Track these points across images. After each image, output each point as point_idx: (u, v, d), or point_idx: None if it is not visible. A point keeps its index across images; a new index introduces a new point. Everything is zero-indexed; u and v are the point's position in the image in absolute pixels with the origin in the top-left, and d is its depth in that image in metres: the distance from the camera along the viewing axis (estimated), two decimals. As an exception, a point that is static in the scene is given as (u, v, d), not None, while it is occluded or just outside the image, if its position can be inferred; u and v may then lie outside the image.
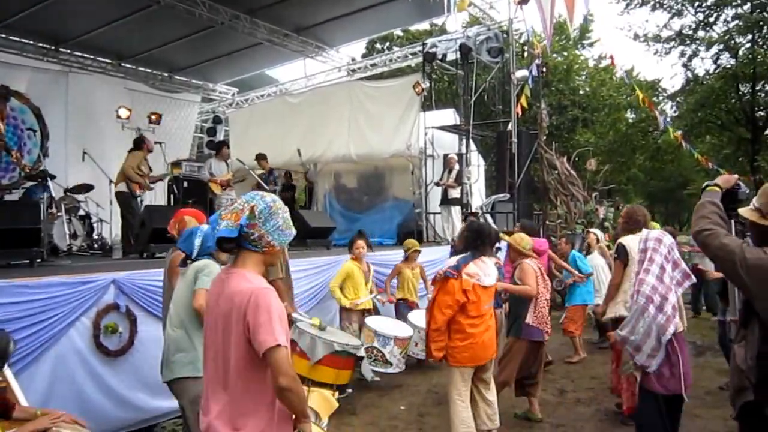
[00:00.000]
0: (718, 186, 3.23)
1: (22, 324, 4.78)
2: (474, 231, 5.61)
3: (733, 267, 2.81)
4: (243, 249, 2.73)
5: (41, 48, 14.04)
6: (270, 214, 2.71)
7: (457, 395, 5.32)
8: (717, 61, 24.85)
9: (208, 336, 2.76)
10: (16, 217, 6.89)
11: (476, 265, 5.30)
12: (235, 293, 2.60)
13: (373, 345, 7.38)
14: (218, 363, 2.67)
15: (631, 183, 33.36)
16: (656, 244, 4.53)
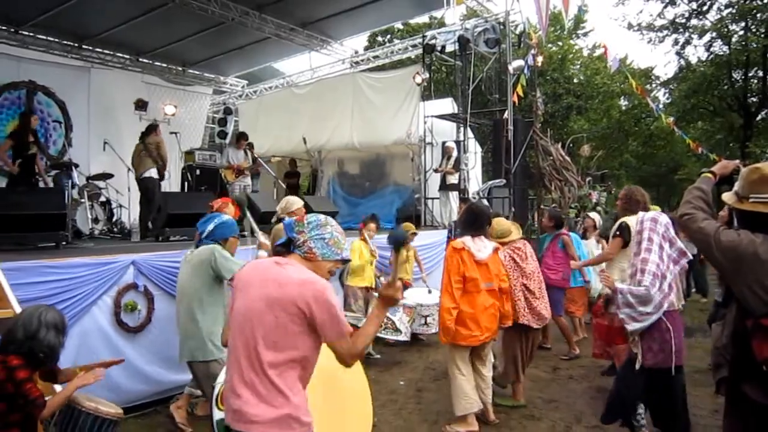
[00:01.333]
0: (712, 173, 3.27)
1: (50, 302, 4.81)
2: (472, 213, 5.85)
3: (709, 249, 2.91)
4: (291, 253, 2.90)
5: (65, 45, 14.46)
6: (317, 225, 2.90)
7: (458, 370, 5.52)
8: (710, 48, 25.00)
9: (244, 316, 2.76)
10: (43, 203, 7.23)
11: (471, 240, 5.52)
12: (300, 282, 2.70)
13: None
14: (260, 342, 2.68)
15: (623, 168, 33.37)
16: (653, 224, 4.64)
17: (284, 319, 2.66)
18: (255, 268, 2.91)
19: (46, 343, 3.44)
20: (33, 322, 3.42)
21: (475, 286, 5.45)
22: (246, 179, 11.61)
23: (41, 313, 3.49)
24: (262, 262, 2.96)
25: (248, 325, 2.73)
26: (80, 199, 10.22)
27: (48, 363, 3.57)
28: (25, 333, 3.40)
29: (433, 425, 5.82)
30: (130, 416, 5.66)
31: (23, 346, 3.38)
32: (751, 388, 2.82)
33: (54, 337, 3.49)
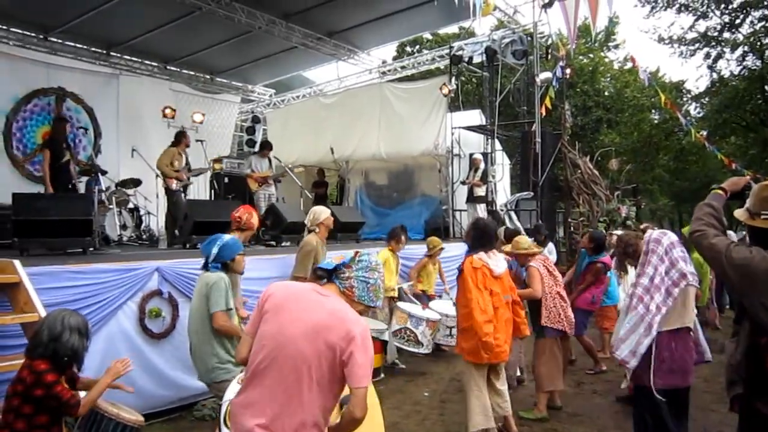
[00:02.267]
0: (722, 189, 3.23)
1: (76, 306, 4.89)
2: (479, 229, 5.83)
3: (720, 266, 2.87)
4: (331, 282, 2.89)
5: (94, 52, 14.63)
6: (367, 268, 2.89)
7: (474, 385, 5.52)
8: (742, 62, 24.63)
9: (280, 342, 2.71)
10: (71, 209, 7.24)
11: (487, 256, 5.53)
12: (346, 318, 2.71)
13: (406, 326, 7.73)
14: (291, 370, 2.66)
15: (656, 183, 33.14)
16: (655, 245, 4.56)
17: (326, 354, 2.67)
18: (289, 291, 2.89)
19: (69, 346, 3.47)
20: (57, 325, 3.47)
21: (499, 300, 5.46)
22: (270, 188, 11.62)
23: (64, 316, 3.53)
24: (298, 286, 2.94)
25: (287, 352, 2.70)
26: (108, 205, 10.26)
27: (71, 366, 3.60)
28: (49, 335, 3.44)
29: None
30: (154, 421, 5.80)
31: (48, 348, 3.42)
32: (765, 405, 2.83)
33: (77, 340, 3.52)
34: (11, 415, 3.34)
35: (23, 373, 3.38)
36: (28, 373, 3.35)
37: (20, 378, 3.38)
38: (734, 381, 3.01)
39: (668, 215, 40.30)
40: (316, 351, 2.65)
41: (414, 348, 7.87)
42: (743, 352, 2.94)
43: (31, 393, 3.32)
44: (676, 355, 4.48)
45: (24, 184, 11.54)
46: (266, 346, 2.73)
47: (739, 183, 3.27)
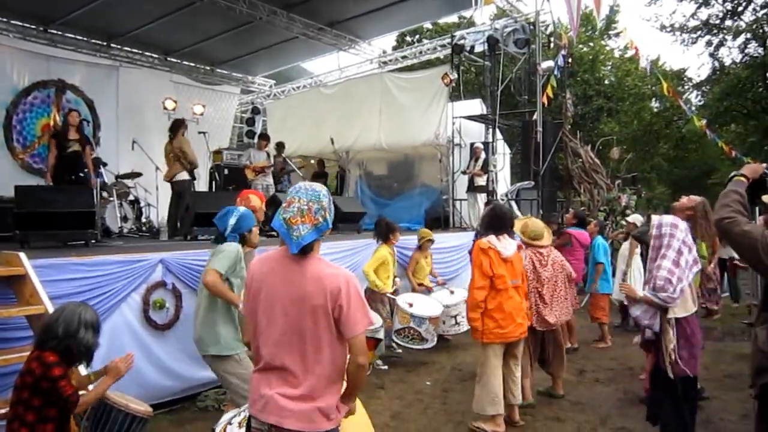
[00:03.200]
0: (744, 176, 3.20)
1: (80, 298, 4.87)
2: (496, 215, 5.81)
3: (755, 253, 2.83)
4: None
5: (94, 44, 14.61)
6: (331, 205, 2.84)
7: (490, 370, 5.54)
8: (744, 50, 24.62)
9: (274, 314, 2.74)
10: (73, 201, 7.30)
11: (496, 239, 5.54)
12: (325, 277, 2.69)
13: (410, 326, 7.80)
14: (292, 338, 2.70)
15: (654, 171, 33.06)
16: (673, 229, 4.56)
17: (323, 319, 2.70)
18: (266, 266, 2.87)
19: (84, 342, 3.50)
20: (74, 321, 3.48)
21: (503, 283, 5.47)
22: (267, 179, 11.74)
23: (81, 312, 3.54)
24: (274, 258, 2.88)
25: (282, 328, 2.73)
26: (109, 197, 10.32)
27: (82, 362, 3.66)
28: (65, 331, 3.45)
29: (458, 425, 5.83)
30: (159, 412, 5.74)
31: (61, 343, 3.43)
32: None
33: (92, 336, 3.55)
34: (21, 407, 3.36)
35: (32, 364, 3.39)
36: (37, 365, 3.36)
37: (29, 369, 3.39)
38: (765, 368, 2.95)
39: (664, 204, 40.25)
40: (309, 319, 2.68)
41: (419, 345, 7.96)
42: None
43: (39, 385, 3.33)
44: (693, 341, 4.57)
45: (23, 176, 11.55)
46: (262, 328, 2.78)
47: (758, 170, 3.27)
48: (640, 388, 6.76)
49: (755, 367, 3.05)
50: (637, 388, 6.78)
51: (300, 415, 2.67)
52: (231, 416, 3.73)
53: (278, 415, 2.69)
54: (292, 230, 2.70)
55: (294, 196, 2.77)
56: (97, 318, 3.67)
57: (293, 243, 2.70)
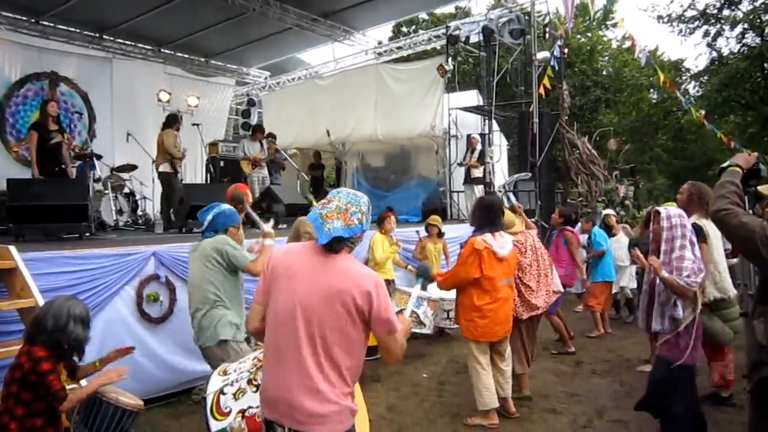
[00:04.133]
0: (739, 166, 3.19)
1: (72, 292, 4.87)
2: (484, 207, 5.76)
3: (754, 245, 2.80)
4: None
5: (87, 36, 14.47)
6: (369, 215, 2.85)
7: (478, 364, 5.55)
8: (742, 40, 24.44)
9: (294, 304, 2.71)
10: (66, 194, 7.30)
11: (492, 238, 5.47)
12: (357, 276, 2.71)
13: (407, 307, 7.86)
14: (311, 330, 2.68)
15: (654, 162, 33.04)
16: (682, 219, 4.56)
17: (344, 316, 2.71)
18: (296, 256, 2.86)
19: (74, 336, 3.49)
20: (63, 315, 3.46)
21: (491, 285, 5.44)
22: (263, 171, 11.74)
23: (70, 306, 3.53)
24: (303, 249, 2.87)
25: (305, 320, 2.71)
26: (104, 190, 10.31)
27: (72, 356, 3.63)
28: (54, 325, 3.43)
29: (453, 417, 5.83)
30: (154, 405, 5.83)
31: (51, 337, 3.42)
32: None
33: (81, 330, 3.54)
34: (11, 401, 3.35)
35: (22, 359, 3.38)
36: (26, 359, 3.35)
37: (19, 364, 3.38)
38: (763, 362, 2.93)
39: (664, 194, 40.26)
40: (335, 314, 2.67)
41: (417, 329, 7.73)
42: None
43: (28, 379, 3.32)
44: (699, 332, 4.55)
45: (17, 169, 11.45)
46: (282, 316, 2.75)
47: (751, 160, 3.26)
48: (636, 380, 6.76)
49: (753, 361, 3.03)
50: (634, 380, 6.76)
51: (325, 418, 2.66)
52: (221, 385, 3.67)
53: (297, 420, 2.67)
54: (325, 223, 2.72)
55: (335, 196, 2.82)
56: (87, 312, 3.65)
57: (324, 234, 2.71)
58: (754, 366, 3.00)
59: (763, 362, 2.92)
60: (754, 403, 3.10)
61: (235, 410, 3.47)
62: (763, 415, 2.99)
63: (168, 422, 5.69)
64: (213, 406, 3.54)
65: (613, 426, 5.61)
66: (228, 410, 3.51)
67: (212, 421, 3.48)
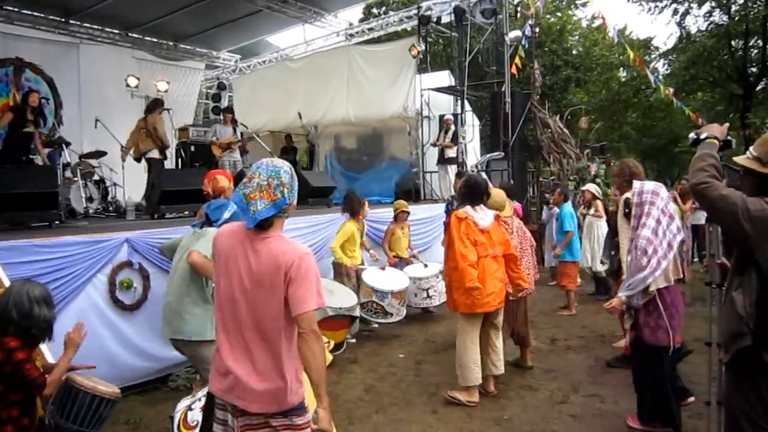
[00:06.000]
0: (716, 138, 3.16)
1: (42, 281, 4.58)
2: (470, 185, 5.87)
3: (735, 218, 2.81)
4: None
5: (52, 20, 14.02)
6: (293, 182, 2.82)
7: (469, 339, 5.59)
8: (710, 18, 24.82)
9: (233, 288, 2.75)
10: (34, 182, 7.09)
11: (473, 210, 5.60)
12: (279, 254, 2.67)
13: (372, 300, 7.84)
14: (251, 314, 2.71)
15: (623, 140, 33.35)
16: (653, 197, 4.58)
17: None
18: (229, 241, 2.86)
19: (42, 319, 3.41)
20: (24, 301, 3.37)
21: (484, 250, 5.52)
22: (234, 154, 11.61)
23: (28, 290, 3.43)
24: (237, 231, 2.86)
25: (241, 307, 2.75)
26: (73, 177, 10.11)
27: (43, 338, 3.55)
28: (19, 313, 3.35)
29: (431, 397, 5.86)
30: (130, 392, 5.77)
31: (19, 326, 3.34)
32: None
33: (47, 311, 3.45)
34: None
35: None
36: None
37: None
38: (742, 333, 2.92)
39: (634, 173, 40.54)
40: (266, 296, 2.68)
41: (383, 319, 8.03)
42: (753, 304, 2.89)
43: (2, 370, 3.26)
44: (679, 311, 4.69)
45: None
46: (223, 304, 2.81)
47: (724, 130, 3.24)
48: (611, 354, 6.90)
49: (730, 332, 3.03)
50: (609, 356, 6.88)
51: (264, 396, 2.70)
52: (189, 403, 3.67)
53: (243, 399, 2.72)
54: (249, 205, 2.69)
55: (255, 172, 2.76)
56: (47, 291, 3.56)
57: (250, 218, 2.69)
58: (731, 337, 3.01)
59: (742, 333, 2.92)
60: (731, 375, 3.12)
61: (201, 422, 3.47)
62: (740, 387, 3.02)
63: (144, 409, 5.65)
64: (180, 422, 3.55)
65: (590, 400, 5.67)
66: (195, 423, 3.55)
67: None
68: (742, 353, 2.95)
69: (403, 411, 5.53)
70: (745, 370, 2.99)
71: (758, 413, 2.93)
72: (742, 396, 2.99)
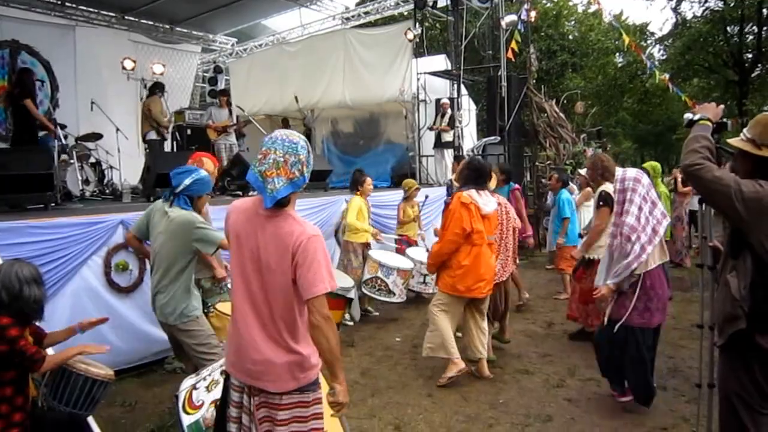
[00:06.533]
0: (709, 120, 3.15)
1: (37, 262, 4.67)
2: (475, 168, 5.85)
3: (728, 200, 2.81)
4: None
5: (48, 3, 13.81)
6: (310, 158, 2.76)
7: (450, 316, 5.69)
8: (705, 3, 24.80)
9: (246, 267, 2.73)
10: (30, 164, 7.12)
11: (477, 194, 5.61)
12: (286, 234, 2.63)
13: (377, 275, 7.83)
14: (264, 294, 2.69)
15: (619, 126, 33.37)
16: (635, 184, 4.63)
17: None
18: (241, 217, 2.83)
19: (33, 299, 3.40)
20: (14, 282, 3.35)
21: (481, 238, 5.54)
22: (230, 137, 11.63)
23: (16, 270, 3.40)
24: (249, 207, 2.81)
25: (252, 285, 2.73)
26: (69, 160, 10.08)
27: (35, 318, 3.55)
28: (9, 294, 3.34)
29: (428, 380, 5.90)
30: (126, 375, 5.82)
31: (11, 307, 3.33)
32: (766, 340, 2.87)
33: (37, 290, 3.44)
34: None
35: None
36: None
37: None
38: (736, 316, 2.94)
39: (631, 158, 40.75)
40: (278, 273, 2.65)
41: (385, 297, 7.99)
42: (748, 287, 2.91)
43: None
44: (660, 293, 4.70)
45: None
46: (237, 281, 2.78)
47: (719, 112, 3.25)
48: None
49: (725, 315, 3.05)
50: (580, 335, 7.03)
51: (281, 373, 2.69)
52: (193, 381, 3.68)
53: (260, 378, 2.71)
54: (266, 183, 2.62)
55: (270, 147, 2.66)
56: (36, 270, 3.52)
57: (267, 196, 2.63)
58: (726, 320, 3.03)
59: (737, 316, 2.94)
60: (725, 358, 3.14)
61: (207, 402, 3.51)
62: (734, 370, 3.05)
63: (140, 392, 5.68)
64: (185, 402, 3.55)
65: (585, 384, 5.72)
66: (200, 403, 3.53)
67: (184, 417, 3.51)
68: (736, 336, 2.97)
69: (400, 394, 5.57)
70: (739, 353, 3.01)
71: (752, 396, 2.97)
72: (736, 379, 3.02)
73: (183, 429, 3.48)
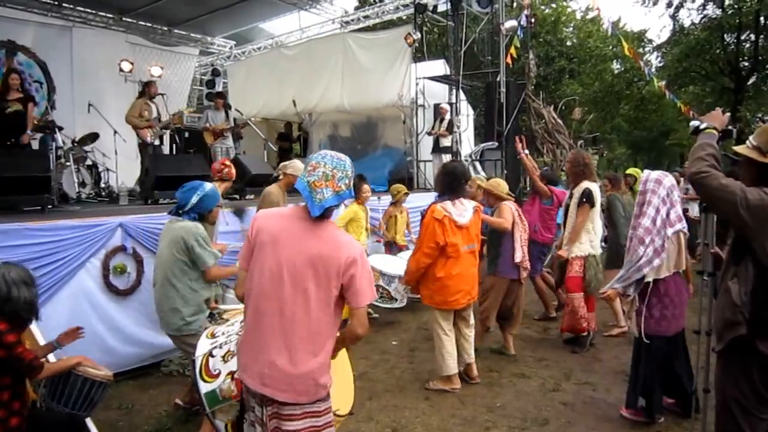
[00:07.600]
0: (715, 129, 3.16)
1: (35, 265, 4.90)
2: (449, 174, 5.80)
3: (734, 207, 2.82)
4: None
5: (45, 3, 13.86)
6: (353, 177, 2.90)
7: (442, 331, 5.68)
8: (703, 11, 24.94)
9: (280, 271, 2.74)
10: (27, 166, 7.09)
11: (452, 206, 5.54)
12: (342, 244, 2.77)
13: (379, 284, 7.79)
14: (295, 298, 2.72)
15: (615, 132, 33.47)
16: (656, 185, 4.56)
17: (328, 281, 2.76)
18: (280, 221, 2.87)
19: (24, 300, 3.37)
20: (1, 286, 3.33)
21: (455, 251, 5.51)
22: (227, 141, 11.54)
23: (3, 273, 3.37)
24: (287, 214, 2.90)
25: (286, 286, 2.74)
26: (66, 162, 10.01)
27: (31, 319, 3.54)
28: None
29: (424, 384, 5.89)
30: (123, 378, 5.77)
31: (3, 310, 3.31)
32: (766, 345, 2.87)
33: (27, 292, 3.40)
34: None
35: None
36: None
37: None
38: (737, 322, 2.95)
39: (624, 164, 40.95)
40: (316, 281, 2.71)
41: (389, 304, 7.99)
42: (749, 293, 2.92)
43: None
44: (676, 301, 4.65)
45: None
46: (264, 285, 2.77)
47: (724, 120, 3.25)
48: (603, 344, 7.02)
49: (725, 321, 3.05)
50: (601, 344, 6.99)
51: (295, 384, 2.73)
52: (210, 347, 3.67)
53: (273, 387, 2.73)
54: (315, 193, 2.74)
55: (320, 162, 2.81)
56: (26, 271, 3.50)
57: (315, 205, 2.74)
58: (726, 326, 3.03)
59: (737, 322, 2.95)
60: (724, 363, 3.14)
61: (224, 372, 3.53)
62: (733, 375, 3.05)
63: (136, 395, 5.65)
64: (202, 368, 3.57)
65: (582, 388, 5.72)
66: (217, 372, 3.55)
67: (201, 383, 3.54)
68: (735, 342, 2.98)
69: (397, 398, 5.56)
70: (739, 358, 3.02)
71: (750, 401, 2.97)
72: (735, 384, 3.03)
73: (200, 394, 3.53)
